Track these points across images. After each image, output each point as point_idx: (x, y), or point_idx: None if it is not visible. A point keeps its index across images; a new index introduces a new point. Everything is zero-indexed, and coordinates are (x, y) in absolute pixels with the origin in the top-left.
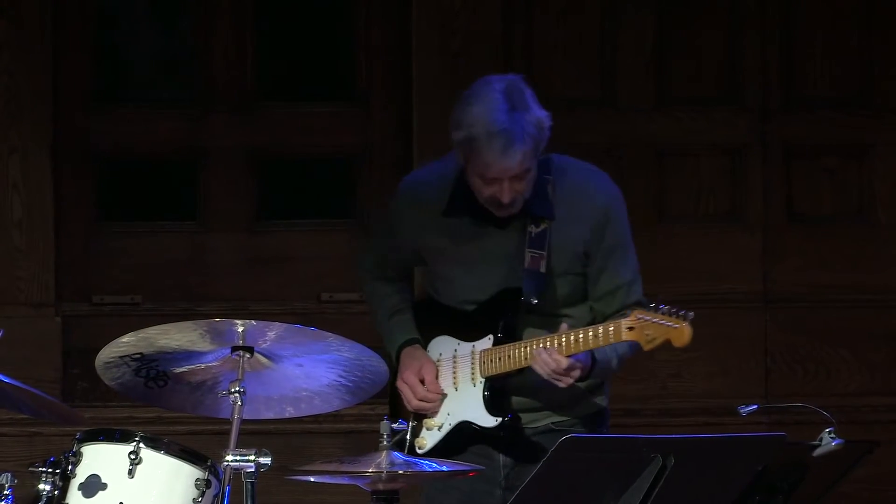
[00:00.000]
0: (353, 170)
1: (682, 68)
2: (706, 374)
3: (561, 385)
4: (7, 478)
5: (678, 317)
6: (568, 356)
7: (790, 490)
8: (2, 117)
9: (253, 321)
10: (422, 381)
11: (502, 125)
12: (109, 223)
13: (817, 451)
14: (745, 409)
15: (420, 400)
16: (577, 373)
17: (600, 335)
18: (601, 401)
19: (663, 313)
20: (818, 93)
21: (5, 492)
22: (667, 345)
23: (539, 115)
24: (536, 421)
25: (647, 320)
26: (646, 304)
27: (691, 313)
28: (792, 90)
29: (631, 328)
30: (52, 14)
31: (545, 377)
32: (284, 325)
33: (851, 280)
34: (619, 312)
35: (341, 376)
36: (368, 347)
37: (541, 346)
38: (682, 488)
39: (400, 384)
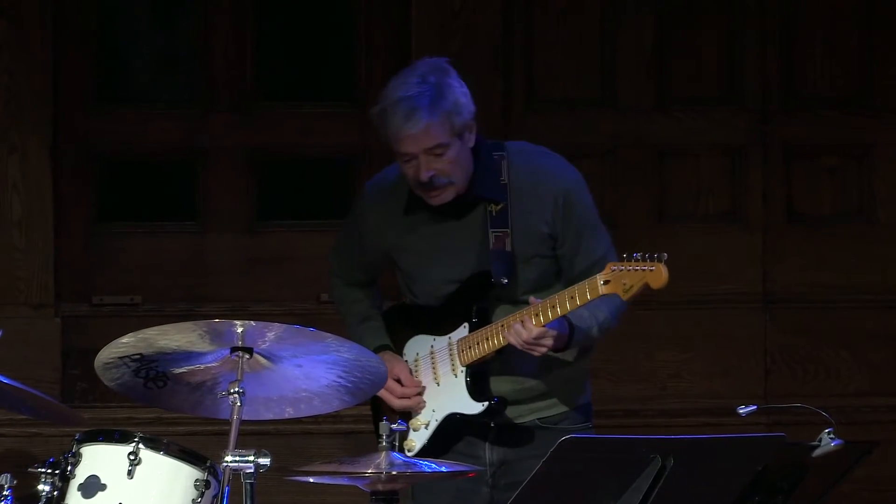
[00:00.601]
0: (352, 170)
1: (682, 68)
2: (706, 375)
3: (535, 354)
4: (6, 478)
5: (652, 260)
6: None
7: (790, 490)
8: (2, 117)
9: (252, 322)
10: (398, 382)
11: (407, 93)
12: (109, 223)
13: (817, 452)
14: (745, 410)
15: (401, 398)
16: (548, 340)
17: (576, 295)
18: (585, 395)
19: (637, 260)
20: (818, 93)
21: (4, 492)
22: (646, 289)
23: (458, 94)
24: (521, 416)
25: (621, 269)
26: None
27: (665, 254)
28: (792, 90)
29: (607, 281)
30: (52, 14)
31: (519, 347)
32: (284, 325)
33: (851, 280)
34: None
35: (340, 377)
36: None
37: (518, 321)
38: (681, 489)
39: (380, 392)
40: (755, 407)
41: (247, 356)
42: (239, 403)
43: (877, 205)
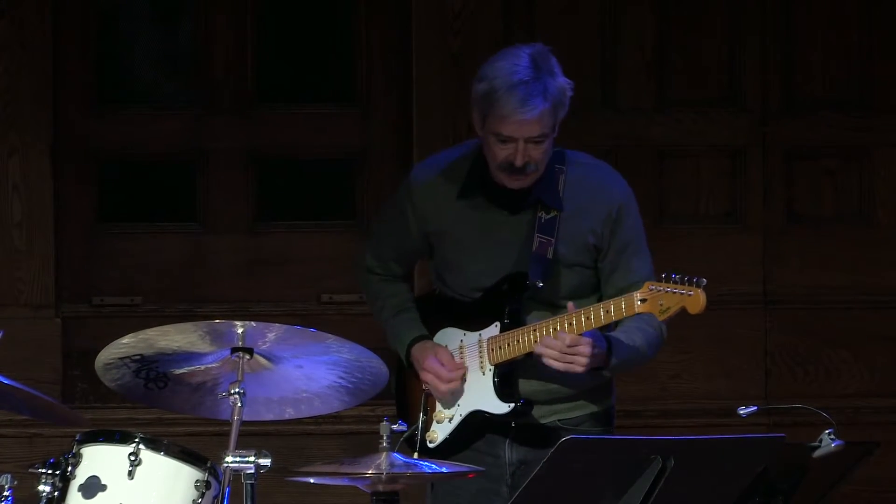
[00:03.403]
0: (352, 170)
1: (683, 69)
2: (706, 376)
3: (577, 369)
4: (7, 479)
5: (691, 284)
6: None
7: (790, 491)
8: (2, 118)
9: (253, 322)
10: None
11: (524, 77)
12: (109, 224)
13: (817, 453)
14: (745, 411)
15: (448, 382)
16: (585, 348)
17: (612, 310)
18: (609, 399)
19: (675, 282)
20: (818, 94)
21: (5, 493)
22: (682, 313)
23: (562, 81)
24: (543, 417)
25: (659, 290)
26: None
27: (704, 280)
28: (792, 91)
29: (644, 300)
30: (52, 14)
31: (553, 362)
32: (284, 326)
33: (851, 281)
34: None
35: (341, 377)
36: (368, 349)
37: (550, 328)
38: (681, 490)
39: (424, 375)
40: (755, 408)
41: (247, 357)
42: (239, 404)
43: (877, 206)
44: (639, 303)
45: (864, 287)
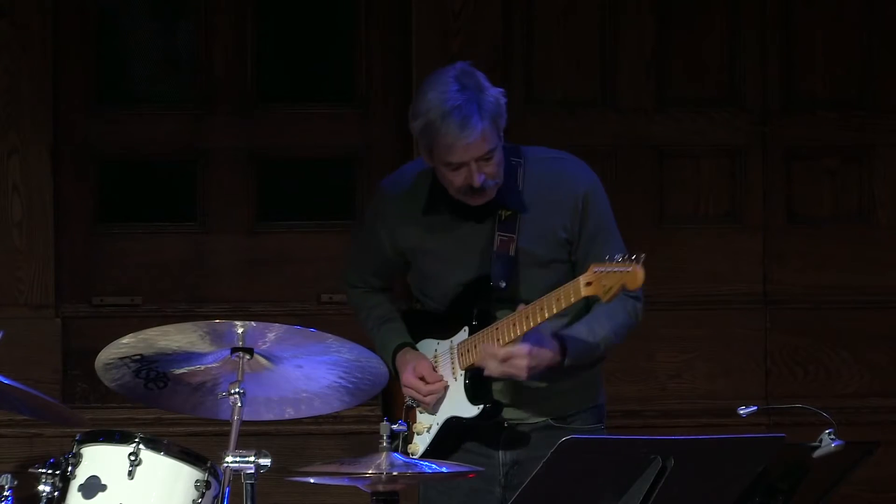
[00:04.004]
0: (352, 171)
1: (683, 69)
2: (706, 376)
3: (520, 377)
4: (7, 479)
5: (630, 261)
6: (508, 342)
7: (790, 491)
8: (2, 118)
9: (253, 322)
10: (422, 379)
11: (456, 102)
12: (109, 224)
13: (817, 453)
14: (745, 411)
15: (428, 395)
16: (521, 361)
17: (561, 297)
18: (597, 397)
19: (617, 262)
20: (818, 94)
21: (5, 493)
22: (623, 290)
23: (493, 92)
24: (532, 417)
25: (602, 271)
26: None
27: (643, 255)
28: (792, 91)
29: (589, 283)
30: (52, 14)
31: (497, 375)
32: (284, 326)
33: (851, 281)
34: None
35: (341, 377)
36: (368, 349)
37: (510, 325)
38: (681, 490)
39: (405, 390)
40: (755, 408)
41: (247, 357)
42: (239, 404)
43: (877, 206)
44: (584, 286)
45: (864, 287)
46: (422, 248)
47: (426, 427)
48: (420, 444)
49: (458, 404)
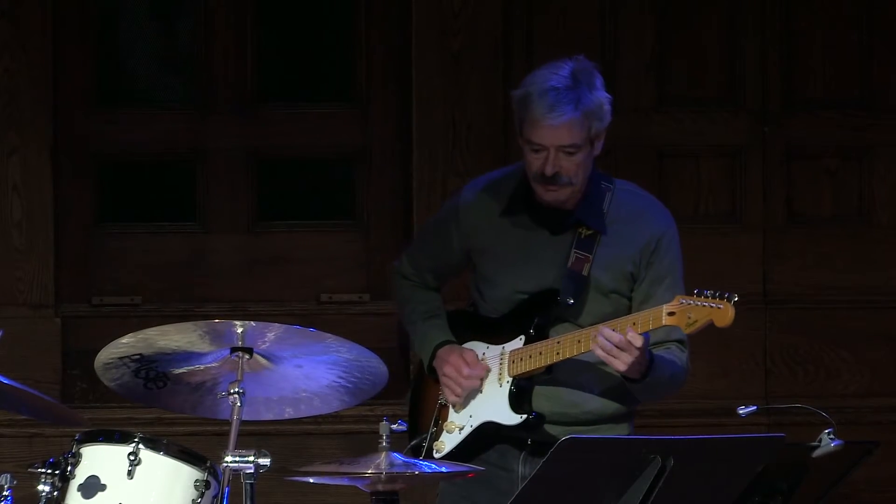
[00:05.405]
0: (352, 170)
1: (683, 69)
2: (706, 375)
3: (619, 366)
4: (6, 479)
5: (721, 298)
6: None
7: (790, 491)
8: (2, 118)
9: (252, 322)
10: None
11: (557, 84)
12: (109, 224)
13: (817, 452)
14: (745, 411)
15: (466, 378)
16: (636, 351)
17: (639, 322)
18: (628, 426)
19: (706, 296)
20: (818, 94)
21: (4, 493)
22: (709, 327)
23: (600, 95)
24: (559, 436)
25: (689, 304)
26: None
27: (735, 296)
28: (792, 91)
29: (671, 313)
30: (52, 14)
31: (601, 350)
32: (284, 326)
33: (851, 281)
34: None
35: (341, 377)
36: (368, 348)
37: (575, 340)
38: (681, 489)
39: (443, 379)
40: (755, 407)
41: (247, 356)
42: (239, 404)
43: (876, 206)
44: (666, 315)
45: (864, 286)
46: (490, 248)
47: (458, 427)
48: (448, 442)
49: (499, 411)
